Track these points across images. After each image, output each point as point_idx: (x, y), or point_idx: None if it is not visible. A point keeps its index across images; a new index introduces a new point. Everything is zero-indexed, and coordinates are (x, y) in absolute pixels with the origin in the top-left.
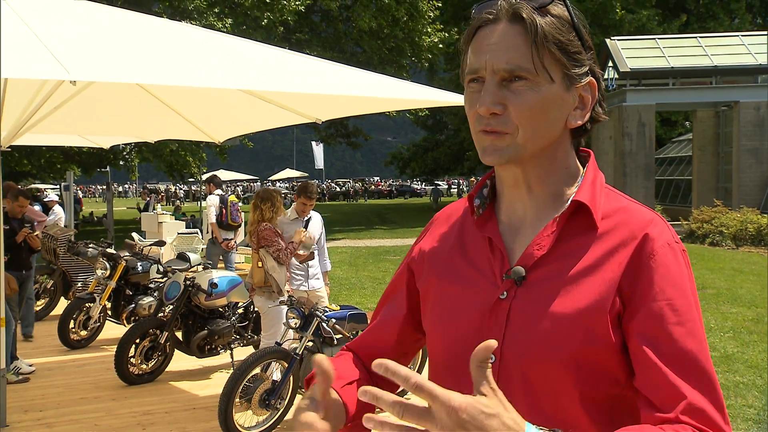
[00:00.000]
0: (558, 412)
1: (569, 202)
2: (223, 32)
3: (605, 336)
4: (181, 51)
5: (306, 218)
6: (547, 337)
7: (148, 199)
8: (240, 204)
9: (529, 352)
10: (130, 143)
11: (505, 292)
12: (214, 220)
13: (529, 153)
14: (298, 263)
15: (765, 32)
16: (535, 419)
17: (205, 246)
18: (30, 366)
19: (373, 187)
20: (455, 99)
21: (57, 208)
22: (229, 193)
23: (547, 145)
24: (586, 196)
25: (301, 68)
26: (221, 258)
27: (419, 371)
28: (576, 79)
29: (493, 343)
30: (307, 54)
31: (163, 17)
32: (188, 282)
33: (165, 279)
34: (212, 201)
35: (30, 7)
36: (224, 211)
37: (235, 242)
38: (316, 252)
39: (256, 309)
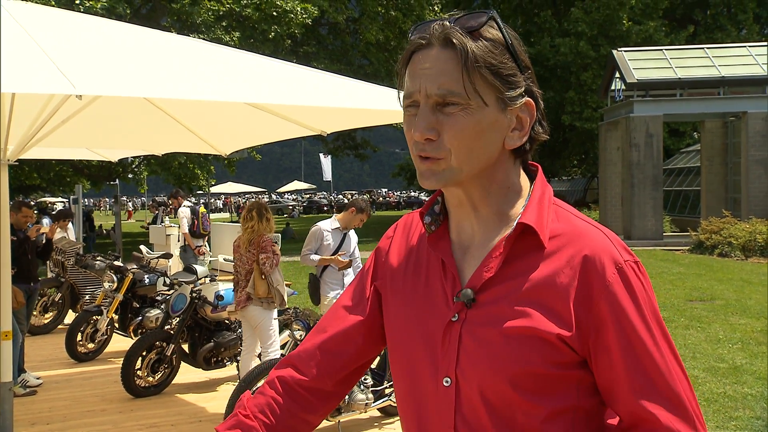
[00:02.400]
0: (522, 428)
1: (516, 223)
2: (231, 45)
3: (553, 354)
4: (187, 65)
5: (345, 231)
6: (498, 358)
7: (157, 212)
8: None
9: (483, 373)
10: (139, 156)
11: (456, 315)
12: (187, 230)
13: (465, 176)
14: (336, 270)
15: None
16: None
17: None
18: (38, 379)
19: (381, 199)
20: None
21: None
22: (200, 204)
23: (485, 167)
24: (532, 218)
25: (305, 81)
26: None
27: None
28: (511, 102)
29: None
30: (315, 67)
31: (171, 31)
32: (195, 294)
33: (172, 291)
34: (184, 213)
35: (36, 21)
36: (196, 221)
37: (206, 248)
38: (353, 261)
39: None
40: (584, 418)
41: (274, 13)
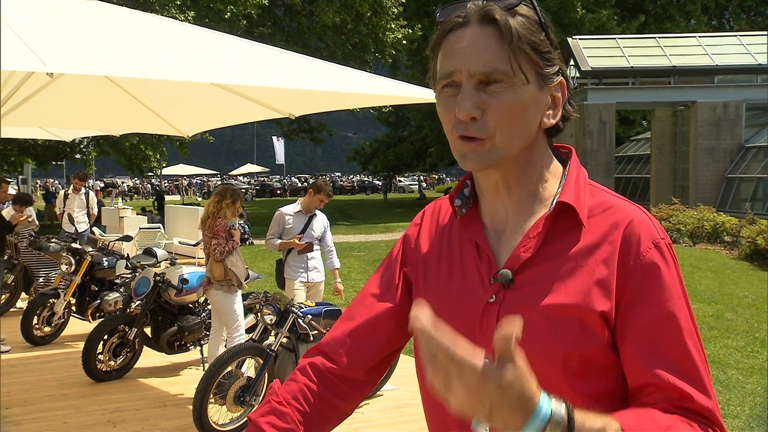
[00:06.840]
0: None
1: (554, 203)
2: None
3: (594, 334)
4: (156, 43)
5: (310, 215)
6: (537, 338)
7: (110, 194)
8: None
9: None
10: (88, 136)
11: (494, 296)
12: (96, 211)
13: (508, 156)
14: (296, 254)
15: (721, 34)
16: None
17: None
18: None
19: (334, 183)
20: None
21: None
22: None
23: (524, 147)
24: (570, 196)
25: (276, 62)
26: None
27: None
28: (549, 79)
29: (515, 331)
30: None
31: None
32: (158, 278)
33: (132, 274)
34: (94, 196)
35: None
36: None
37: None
38: (316, 245)
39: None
40: (621, 404)
41: None
